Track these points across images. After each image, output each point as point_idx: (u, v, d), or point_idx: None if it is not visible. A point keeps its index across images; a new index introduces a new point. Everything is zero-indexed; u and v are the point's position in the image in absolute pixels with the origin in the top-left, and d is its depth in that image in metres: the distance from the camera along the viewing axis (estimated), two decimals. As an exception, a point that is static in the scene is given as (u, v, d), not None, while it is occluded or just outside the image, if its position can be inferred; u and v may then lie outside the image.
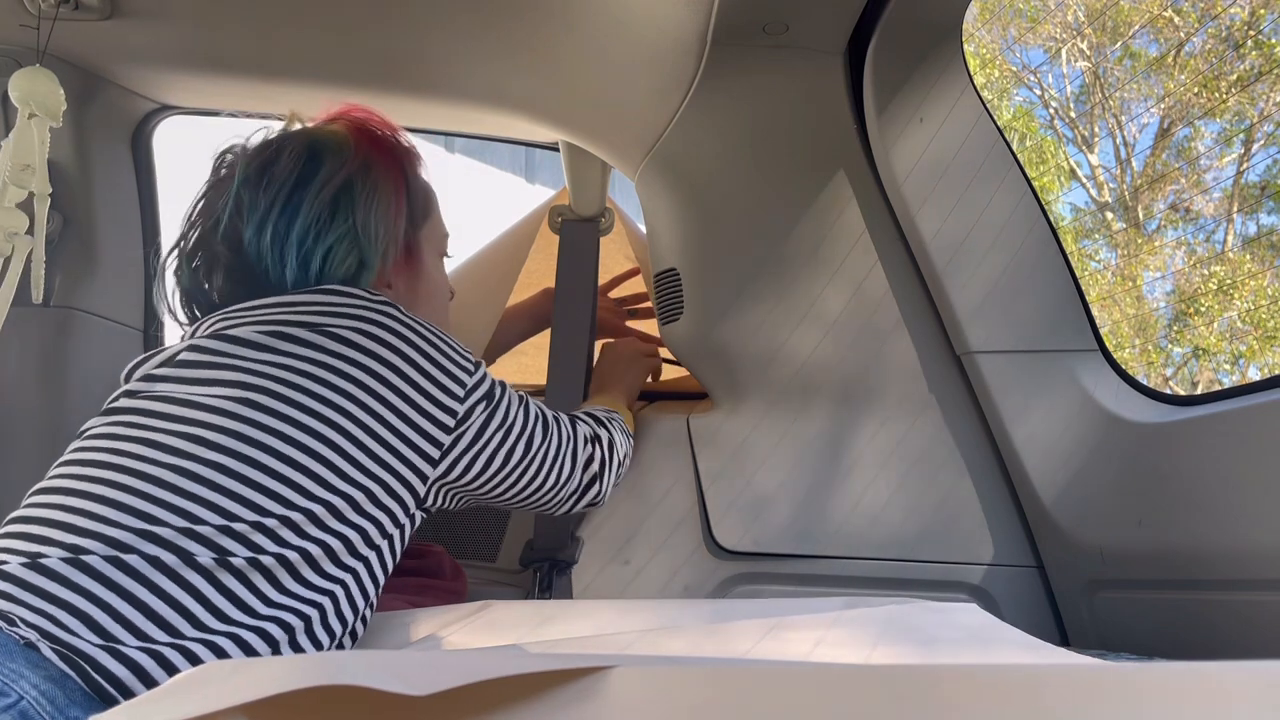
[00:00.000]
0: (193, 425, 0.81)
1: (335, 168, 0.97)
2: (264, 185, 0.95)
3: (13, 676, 0.63)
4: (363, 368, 0.86)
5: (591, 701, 0.38)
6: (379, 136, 1.04)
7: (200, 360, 0.86)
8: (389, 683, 0.36)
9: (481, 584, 1.42)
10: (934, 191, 1.22)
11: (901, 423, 1.32)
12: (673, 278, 1.36)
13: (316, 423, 0.82)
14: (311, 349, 0.85)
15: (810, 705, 0.34)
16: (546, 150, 1.60)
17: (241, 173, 0.97)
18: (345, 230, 0.95)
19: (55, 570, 0.72)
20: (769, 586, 1.33)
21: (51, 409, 1.38)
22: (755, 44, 1.15)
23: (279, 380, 0.83)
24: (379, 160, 1.01)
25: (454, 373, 0.92)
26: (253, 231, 0.94)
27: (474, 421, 0.93)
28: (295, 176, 0.96)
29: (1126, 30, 11.76)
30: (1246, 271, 10.89)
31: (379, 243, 0.98)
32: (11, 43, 1.23)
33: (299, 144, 0.99)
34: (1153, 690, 0.31)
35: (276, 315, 0.88)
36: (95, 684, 0.67)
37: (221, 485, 0.78)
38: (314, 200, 0.95)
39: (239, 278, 0.97)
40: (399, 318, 0.90)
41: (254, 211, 0.94)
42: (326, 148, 0.99)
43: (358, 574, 0.84)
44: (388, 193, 1.00)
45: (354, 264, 0.96)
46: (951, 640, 0.84)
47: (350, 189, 0.97)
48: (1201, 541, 1.04)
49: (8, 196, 1.08)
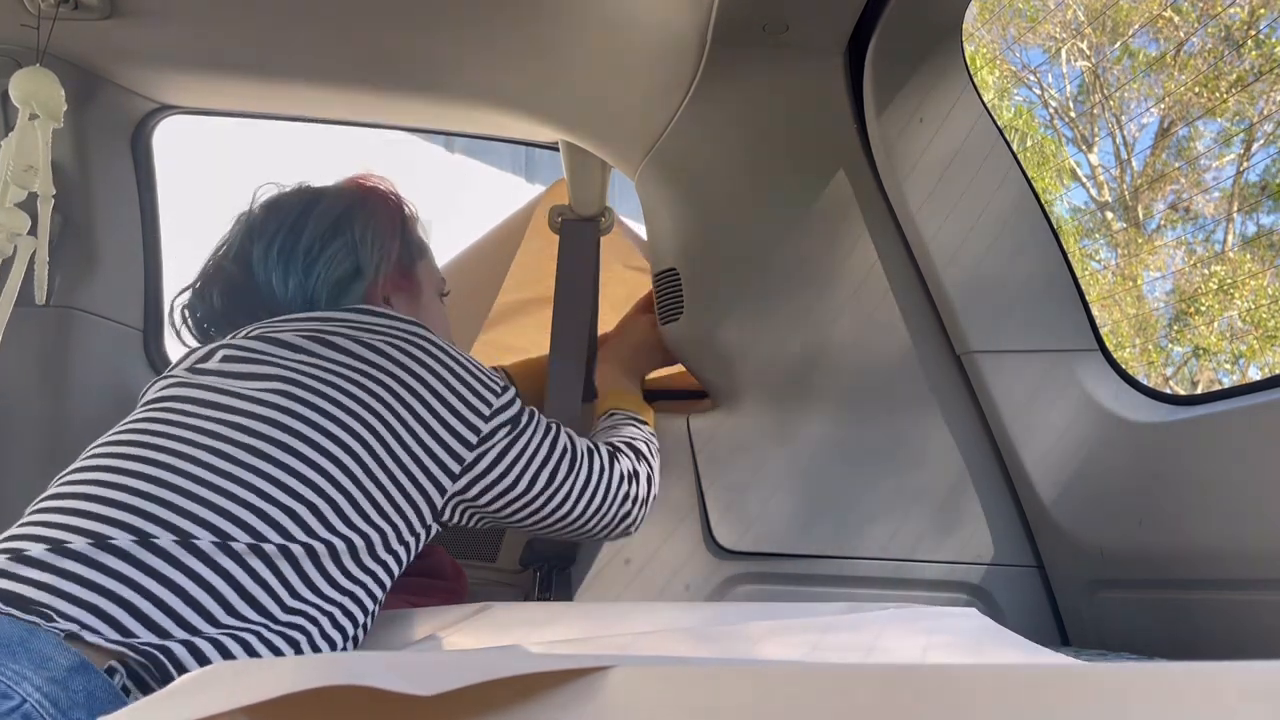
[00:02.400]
0: (231, 412, 0.86)
1: (336, 199, 1.11)
2: (272, 212, 1.08)
3: (15, 678, 0.63)
4: (394, 376, 0.91)
5: (591, 701, 0.38)
6: (377, 187, 1.17)
7: (240, 356, 0.92)
8: (396, 683, 0.36)
9: (482, 584, 1.42)
10: (934, 191, 1.23)
11: (901, 423, 1.32)
12: (673, 278, 1.36)
13: (350, 419, 0.87)
14: (348, 355, 0.91)
15: (810, 705, 0.34)
16: (546, 150, 1.60)
17: (252, 207, 1.11)
18: (345, 240, 1.06)
19: (85, 554, 0.74)
20: (769, 586, 1.33)
21: (51, 409, 1.38)
22: (755, 44, 1.15)
23: (317, 378, 0.89)
24: (376, 200, 1.14)
25: (481, 393, 0.96)
26: (262, 249, 1.05)
27: (496, 443, 0.96)
28: (301, 204, 1.09)
29: (1126, 30, 11.76)
30: (1246, 271, 10.89)
31: (375, 252, 1.07)
32: (11, 42, 1.23)
33: (305, 187, 1.14)
34: (1152, 690, 0.31)
35: (316, 325, 0.96)
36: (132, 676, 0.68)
37: (255, 466, 0.82)
38: (318, 220, 1.06)
39: (246, 296, 1.05)
40: (431, 338, 0.97)
41: (263, 234, 1.06)
42: (328, 190, 1.13)
43: (376, 575, 0.87)
44: (384, 218, 1.12)
45: (350, 268, 1.05)
46: (950, 644, 0.84)
47: (350, 212, 1.09)
48: (1201, 541, 1.04)
49: (9, 197, 1.08)
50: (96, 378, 1.40)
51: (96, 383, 1.40)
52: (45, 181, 1.12)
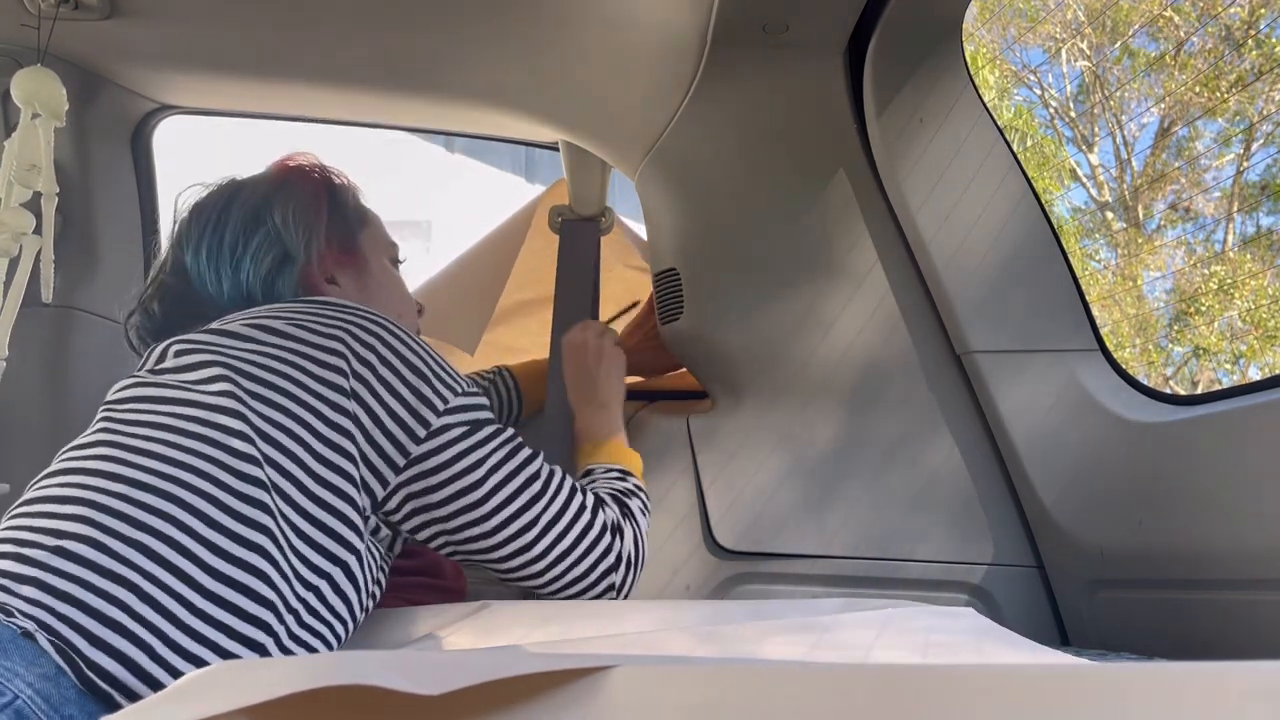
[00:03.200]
0: (180, 405, 0.85)
1: (254, 189, 1.07)
2: (195, 217, 1.06)
3: (8, 675, 0.63)
4: (343, 357, 0.88)
5: (591, 701, 0.38)
6: (300, 167, 1.13)
7: (188, 350, 0.91)
8: (396, 683, 0.36)
9: (481, 583, 1.42)
10: (934, 191, 1.23)
11: (901, 422, 1.32)
12: (673, 278, 1.36)
13: (292, 403, 0.85)
14: (293, 340, 0.89)
15: (810, 705, 0.34)
16: (546, 150, 1.60)
17: (180, 214, 1.09)
18: (266, 231, 1.03)
19: (44, 561, 0.73)
20: (769, 586, 1.33)
21: (51, 408, 1.38)
22: (755, 44, 1.15)
23: (258, 365, 0.87)
24: (296, 180, 1.10)
25: (436, 386, 0.91)
26: (191, 255, 1.04)
27: (450, 442, 0.90)
28: (222, 201, 1.06)
29: (1126, 30, 11.76)
30: (1247, 271, 10.89)
31: (300, 234, 1.04)
32: (12, 42, 1.23)
33: (225, 184, 1.10)
34: (1152, 690, 0.31)
35: (264, 314, 0.93)
36: (87, 679, 0.67)
37: (210, 455, 0.81)
38: (237, 215, 1.04)
39: (185, 302, 1.04)
40: (391, 327, 0.93)
41: (189, 239, 1.05)
42: (247, 181, 1.10)
43: (336, 574, 0.84)
44: (306, 196, 1.08)
45: (278, 255, 1.02)
46: (950, 643, 0.84)
47: (268, 200, 1.06)
48: (1201, 541, 1.04)
49: (13, 196, 1.08)
50: (96, 378, 1.40)
51: (96, 382, 1.40)
52: (49, 181, 1.12)
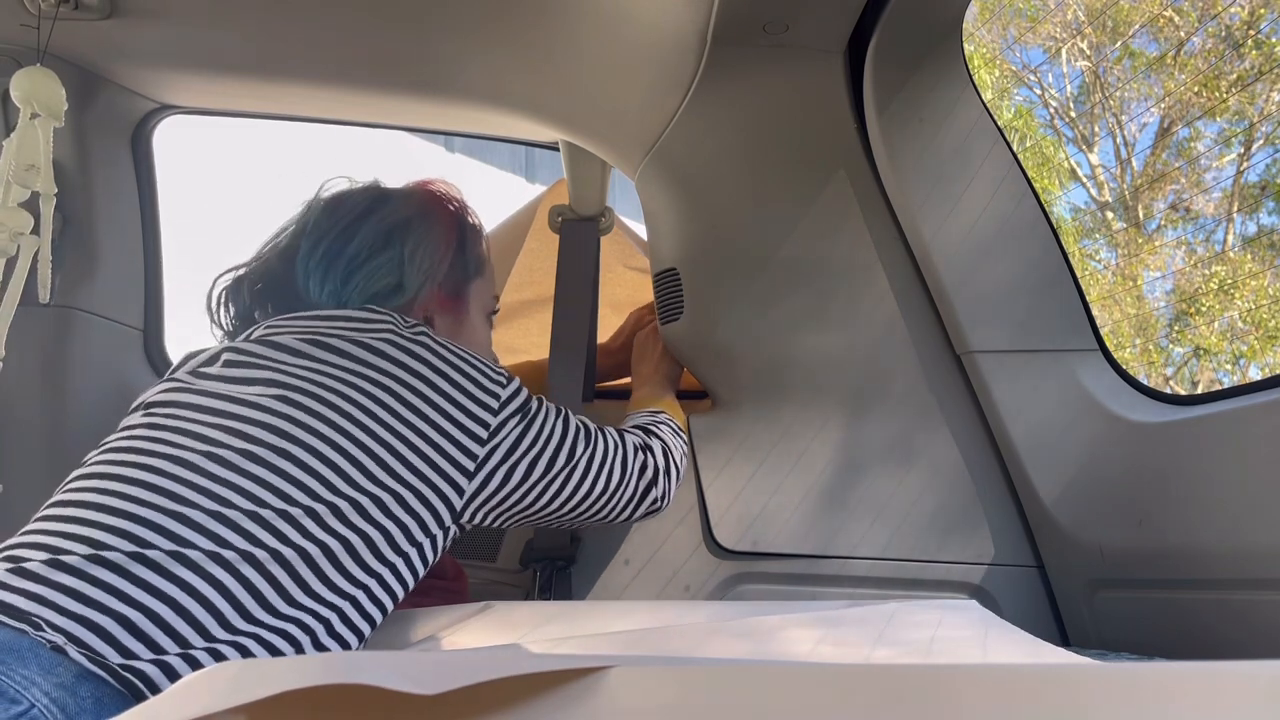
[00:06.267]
0: (227, 418, 0.85)
1: (393, 210, 1.07)
2: (329, 213, 1.06)
3: (24, 684, 0.63)
4: (395, 378, 0.90)
5: (591, 701, 0.38)
6: (443, 196, 1.14)
7: (241, 361, 0.92)
8: (396, 682, 0.36)
9: (482, 584, 1.42)
10: (934, 191, 1.22)
11: (901, 422, 1.32)
12: (673, 278, 1.36)
13: (347, 423, 0.86)
14: (347, 358, 0.90)
15: (810, 705, 0.34)
16: (546, 150, 1.60)
17: (316, 201, 1.09)
18: (390, 256, 1.03)
19: (79, 568, 0.73)
20: (769, 586, 1.33)
21: (51, 409, 1.38)
22: (755, 44, 1.15)
23: (315, 383, 0.88)
24: (438, 211, 1.11)
25: (486, 385, 0.95)
26: (308, 247, 1.03)
27: (508, 434, 0.95)
28: (361, 208, 1.06)
29: (1126, 30, 11.76)
30: (1247, 271, 10.89)
31: (420, 271, 1.05)
32: (11, 42, 1.23)
33: (372, 187, 1.12)
34: (1153, 690, 0.31)
35: (316, 326, 0.95)
36: (124, 683, 0.67)
37: (250, 472, 0.81)
38: (368, 231, 1.04)
39: (281, 294, 1.04)
40: (430, 338, 0.95)
41: (316, 231, 1.05)
42: (395, 193, 1.10)
43: (382, 578, 0.85)
44: (440, 234, 1.09)
45: (392, 284, 1.03)
46: (952, 639, 0.84)
47: (405, 226, 1.06)
48: (1201, 541, 1.04)
49: (11, 196, 1.08)
50: (96, 378, 1.40)
51: (96, 383, 1.40)
52: (47, 180, 1.12)
